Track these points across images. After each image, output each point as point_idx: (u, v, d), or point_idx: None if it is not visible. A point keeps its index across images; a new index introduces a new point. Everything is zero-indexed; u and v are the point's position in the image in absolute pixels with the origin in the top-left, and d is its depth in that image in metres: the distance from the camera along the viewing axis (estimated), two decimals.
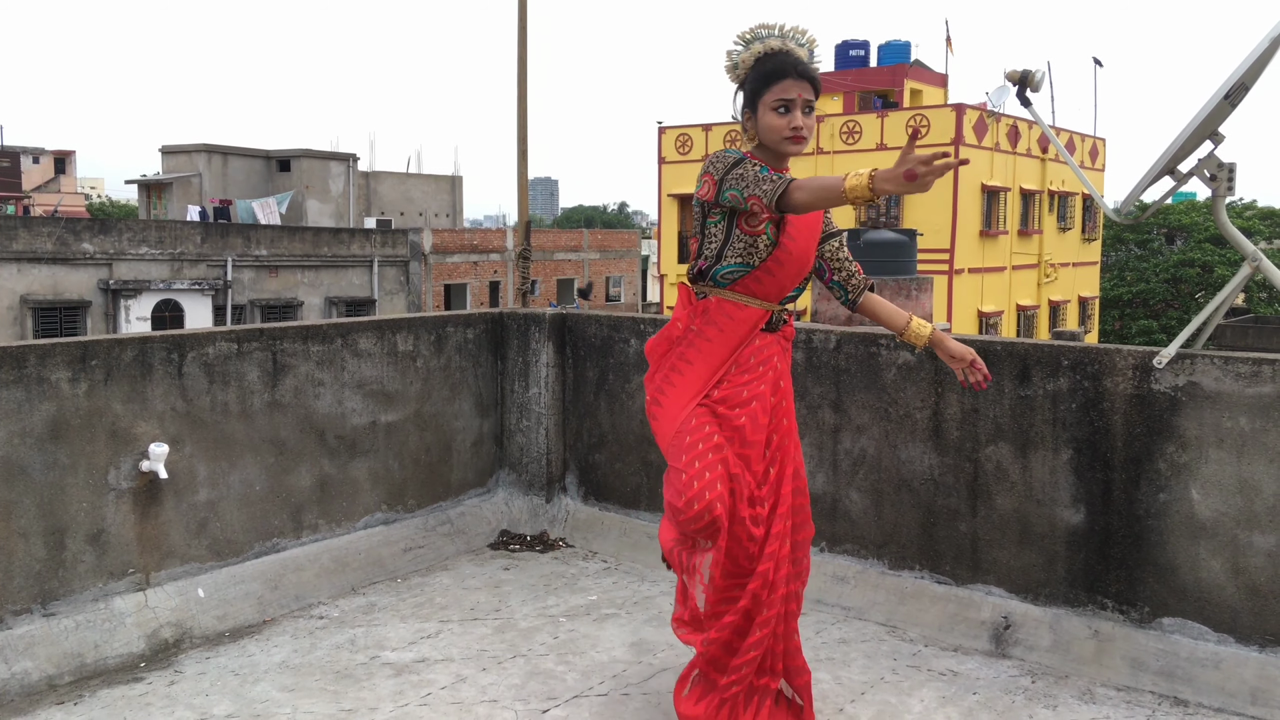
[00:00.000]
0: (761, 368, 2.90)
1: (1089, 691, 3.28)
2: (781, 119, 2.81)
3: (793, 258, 2.88)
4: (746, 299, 2.89)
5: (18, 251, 23.58)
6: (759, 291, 2.88)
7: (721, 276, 2.89)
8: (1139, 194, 3.55)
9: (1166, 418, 3.37)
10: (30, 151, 62.52)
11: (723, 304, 2.89)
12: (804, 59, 2.86)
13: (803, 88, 2.81)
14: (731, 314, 2.89)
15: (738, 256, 2.86)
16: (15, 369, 3.32)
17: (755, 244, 2.84)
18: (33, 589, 3.36)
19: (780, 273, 2.88)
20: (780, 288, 2.90)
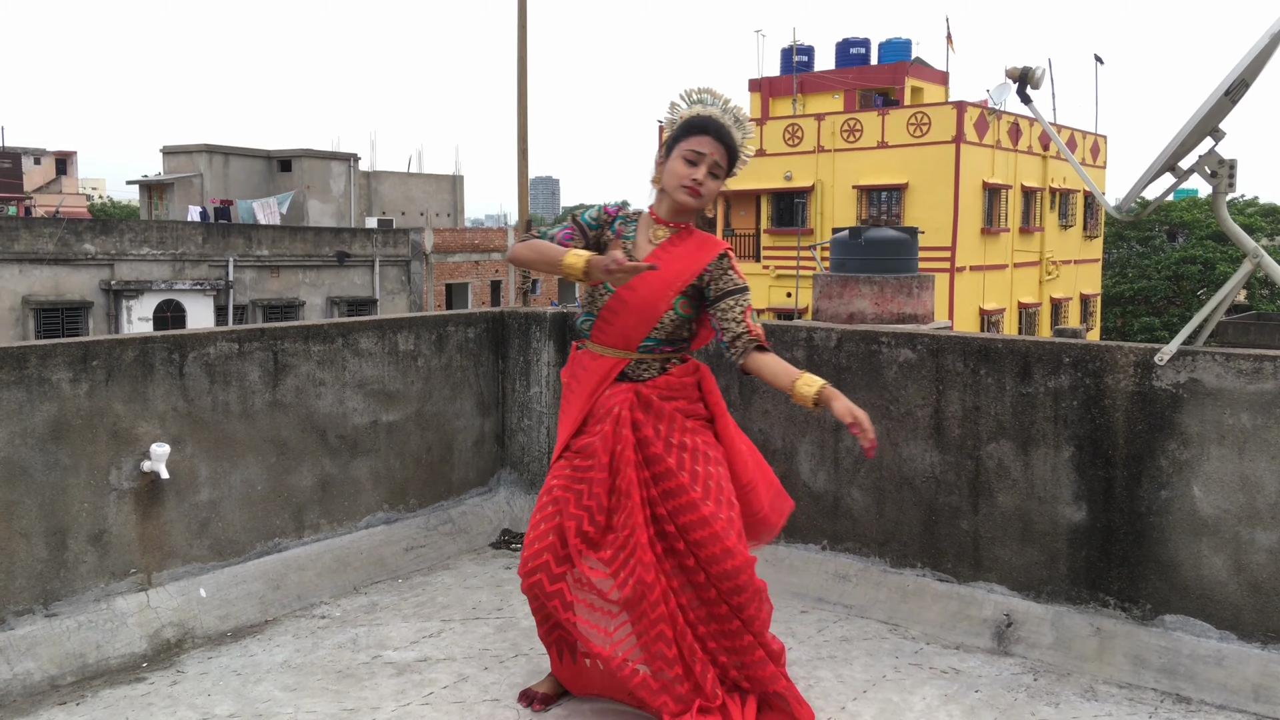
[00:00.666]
0: (606, 419, 2.99)
1: (1091, 689, 3.28)
2: (685, 169, 2.93)
3: (629, 306, 2.97)
4: (600, 349, 3.05)
5: (19, 252, 23.60)
6: (606, 340, 3.02)
7: (580, 327, 3.11)
8: (1140, 191, 3.55)
9: (1168, 415, 3.37)
10: (32, 152, 62.55)
11: (582, 354, 3.10)
12: (729, 129, 2.99)
13: (718, 150, 2.95)
14: (586, 364, 3.07)
15: (586, 306, 3.07)
16: (16, 369, 3.32)
17: (593, 293, 3.02)
18: (35, 589, 3.36)
19: (619, 321, 2.99)
20: (625, 336, 3.00)
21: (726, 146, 2.95)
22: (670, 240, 3.01)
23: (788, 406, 4.19)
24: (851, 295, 16.10)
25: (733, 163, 2.99)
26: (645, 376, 3.02)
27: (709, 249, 3.01)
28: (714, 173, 2.94)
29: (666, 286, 2.96)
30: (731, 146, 2.97)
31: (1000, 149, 28.96)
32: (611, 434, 2.96)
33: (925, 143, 27.67)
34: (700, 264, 2.98)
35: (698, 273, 2.98)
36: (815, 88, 34.00)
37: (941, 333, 3.93)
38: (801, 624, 3.78)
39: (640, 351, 3.01)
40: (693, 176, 2.92)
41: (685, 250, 3.00)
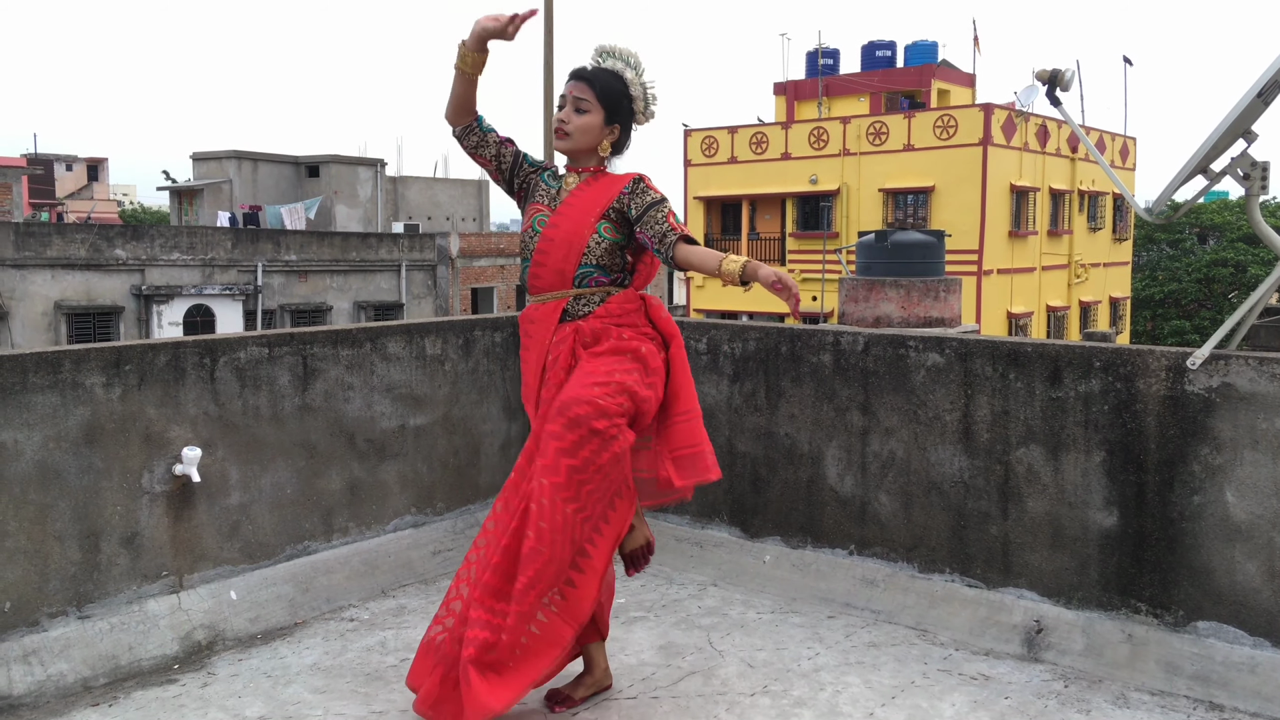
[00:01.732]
0: (554, 368, 3.03)
1: (1123, 696, 3.25)
2: (556, 117, 3.09)
3: (556, 242, 3.05)
4: (537, 297, 3.10)
5: (52, 258, 23.89)
6: (543, 284, 3.07)
7: (523, 279, 3.15)
8: (1171, 193, 3.52)
9: (1200, 419, 3.33)
10: (64, 159, 63.33)
11: (527, 312, 3.13)
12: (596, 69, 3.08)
13: (578, 88, 3.06)
14: (533, 317, 3.11)
15: (521, 254, 3.15)
16: (50, 374, 3.36)
17: (525, 239, 3.11)
18: (68, 592, 3.40)
19: (550, 259, 3.05)
20: (559, 272, 3.04)
21: (589, 81, 3.03)
22: (583, 183, 3.11)
23: (814, 411, 4.17)
24: (878, 299, 16.03)
25: (595, 87, 3.03)
26: (585, 312, 3.05)
27: (623, 179, 3.10)
28: (580, 109, 3.03)
29: (585, 214, 3.05)
30: (586, 76, 3.04)
31: (1028, 151, 28.76)
32: (565, 372, 3.00)
33: (952, 145, 27.52)
34: (615, 190, 3.06)
35: (614, 197, 3.05)
36: (841, 91, 33.90)
37: (970, 336, 3.91)
38: (829, 629, 3.77)
39: (577, 285, 3.04)
40: (557, 118, 3.06)
41: (599, 186, 3.09)
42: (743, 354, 4.37)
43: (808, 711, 3.14)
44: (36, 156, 56.47)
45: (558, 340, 3.03)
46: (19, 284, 23.41)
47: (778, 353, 4.28)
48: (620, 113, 3.07)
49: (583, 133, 3.04)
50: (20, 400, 3.29)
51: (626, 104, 3.07)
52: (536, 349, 3.08)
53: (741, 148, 31.08)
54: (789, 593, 4.09)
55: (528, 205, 3.15)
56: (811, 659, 3.51)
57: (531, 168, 3.19)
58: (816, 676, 3.37)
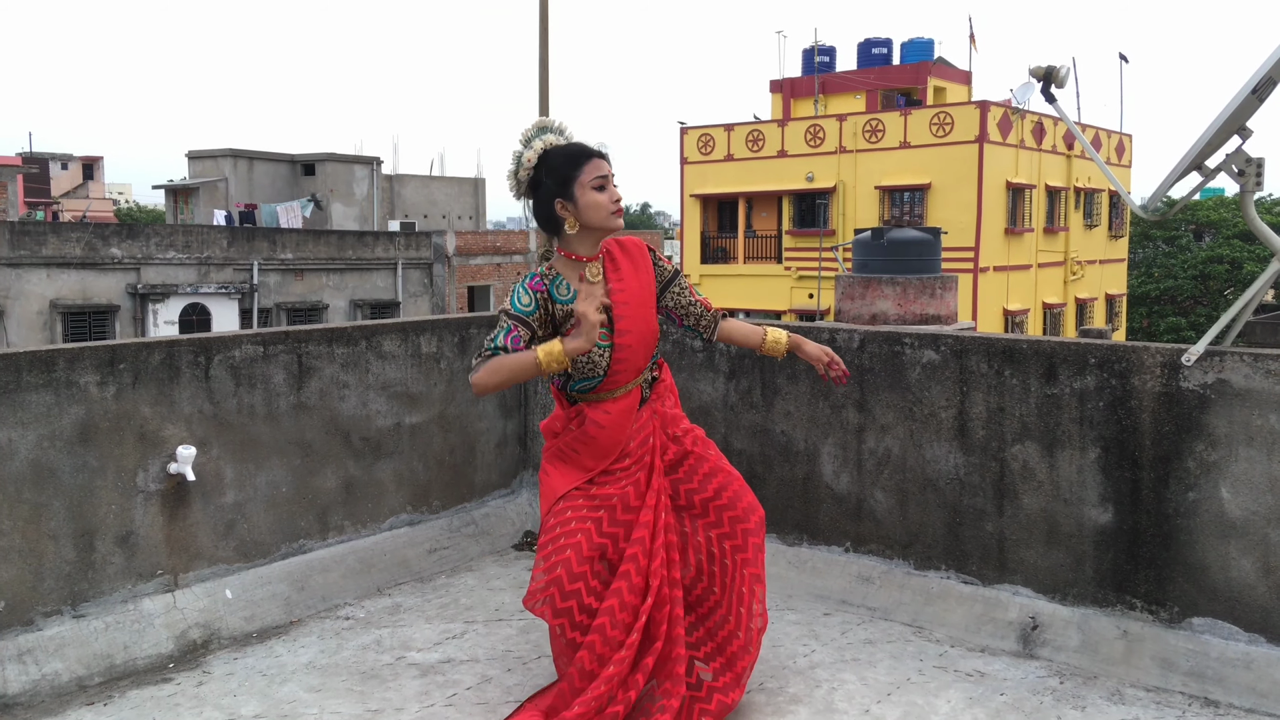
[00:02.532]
0: (640, 449, 3.03)
1: (1118, 692, 3.25)
2: (603, 195, 2.92)
3: (634, 350, 2.99)
4: (612, 392, 3.00)
5: (47, 257, 23.85)
6: (622, 381, 3.00)
7: (577, 391, 3.03)
8: (1166, 190, 3.52)
9: (1195, 416, 3.34)
10: (59, 158, 63.20)
11: (592, 412, 3.00)
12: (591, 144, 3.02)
13: (605, 165, 2.96)
14: (607, 412, 3.00)
15: (583, 375, 2.99)
16: (45, 373, 3.35)
17: (591, 358, 2.95)
18: (63, 591, 3.39)
19: (632, 360, 2.99)
20: (638, 369, 3.03)
21: (606, 158, 2.98)
22: (609, 268, 3.01)
23: (810, 408, 4.18)
24: (874, 296, 16.03)
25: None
26: (648, 395, 3.11)
27: (638, 251, 3.07)
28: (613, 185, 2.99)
29: (649, 309, 3.04)
30: (607, 157, 3.00)
31: (1024, 148, 28.79)
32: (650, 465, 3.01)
33: (948, 143, 27.54)
34: (649, 271, 3.06)
35: (653, 279, 3.07)
36: (837, 88, 33.91)
37: (965, 334, 3.91)
38: (825, 626, 3.77)
39: (647, 371, 3.09)
40: (613, 199, 2.94)
41: (626, 267, 3.03)
42: (739, 351, 4.37)
43: (803, 708, 3.14)
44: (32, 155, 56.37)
45: (639, 426, 3.04)
46: (14, 283, 23.37)
47: None
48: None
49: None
50: (14, 399, 3.28)
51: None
52: (610, 439, 2.99)
53: (738, 145, 31.08)
54: (785, 590, 4.09)
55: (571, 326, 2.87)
56: (807, 656, 3.51)
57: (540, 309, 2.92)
58: (812, 674, 3.37)
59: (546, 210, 2.95)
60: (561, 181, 2.91)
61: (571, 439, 3.02)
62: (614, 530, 2.95)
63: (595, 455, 3.01)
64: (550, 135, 2.97)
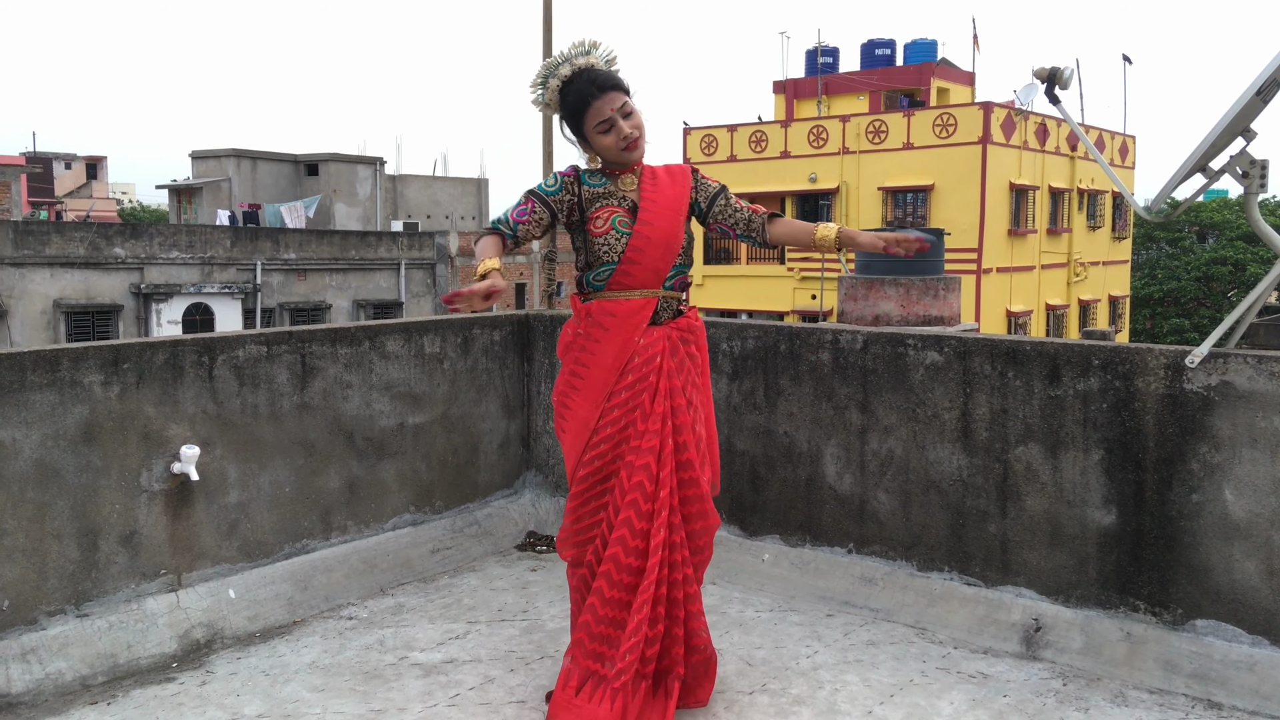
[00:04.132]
0: (645, 368, 2.98)
1: (1121, 694, 3.25)
2: (609, 137, 2.97)
3: (653, 241, 2.99)
4: (624, 293, 3.00)
5: (51, 256, 23.89)
6: (632, 283, 2.99)
7: (594, 281, 3.05)
8: (1170, 191, 3.51)
9: (1199, 418, 3.33)
10: (63, 157, 63.29)
11: (603, 304, 3.01)
12: (598, 69, 3.00)
13: (610, 99, 2.95)
14: (613, 310, 3.00)
15: (599, 259, 3.02)
16: (49, 372, 3.36)
17: (608, 242, 2.99)
18: (66, 590, 3.40)
19: (646, 258, 2.98)
20: (654, 271, 3.00)
21: (619, 88, 2.97)
22: (645, 179, 3.06)
23: (813, 409, 4.17)
24: (877, 297, 16.02)
25: (624, 88, 3.00)
26: (664, 319, 3.05)
27: (681, 172, 3.11)
28: (627, 112, 2.97)
29: (675, 213, 3.04)
30: (615, 83, 2.97)
31: (1027, 150, 28.76)
32: (658, 381, 2.97)
33: (951, 144, 27.52)
34: (685, 186, 3.08)
35: (688, 192, 3.07)
36: (840, 89, 33.89)
37: (969, 335, 3.91)
38: (828, 627, 3.77)
39: (668, 285, 3.04)
40: (620, 137, 2.97)
41: (667, 181, 3.06)
42: (741, 352, 4.37)
43: (806, 710, 3.14)
44: (35, 155, 56.43)
45: (647, 343, 2.99)
46: (18, 282, 23.41)
47: (776, 351, 4.28)
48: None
49: (643, 129, 3.02)
50: (18, 398, 3.29)
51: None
52: (616, 344, 2.98)
53: (741, 146, 31.07)
54: (788, 591, 4.09)
55: (595, 210, 3.02)
56: (810, 657, 3.51)
57: (565, 190, 3.06)
58: (815, 675, 3.37)
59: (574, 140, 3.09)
60: (574, 124, 3.03)
61: (581, 345, 3.02)
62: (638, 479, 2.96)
63: (603, 366, 2.98)
64: (564, 68, 3.00)
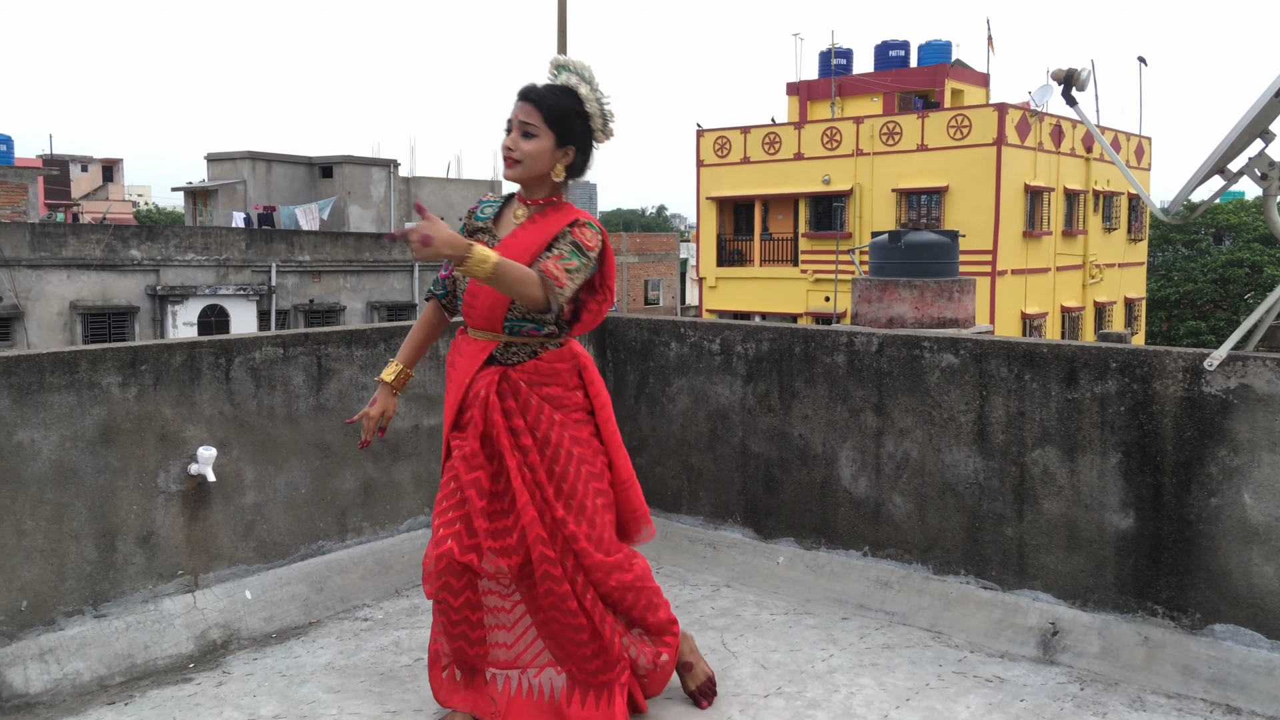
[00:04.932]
0: (473, 409, 2.90)
1: (1139, 699, 3.23)
2: (503, 145, 2.87)
3: (483, 288, 2.83)
4: (472, 331, 2.97)
5: (67, 258, 24.03)
6: (474, 323, 2.95)
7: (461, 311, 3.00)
8: (1188, 194, 3.50)
9: (1218, 421, 3.31)
10: (79, 160, 63.68)
11: (459, 339, 3.01)
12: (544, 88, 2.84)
13: (519, 108, 2.83)
14: (463, 350, 2.98)
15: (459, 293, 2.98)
16: (67, 374, 3.38)
17: (456, 277, 3.00)
18: (84, 590, 3.41)
19: (479, 302, 2.88)
20: (487, 317, 2.89)
21: (535, 103, 2.79)
22: (531, 219, 2.89)
23: (828, 412, 4.17)
24: (891, 299, 16.00)
25: (545, 112, 2.80)
26: (514, 361, 2.91)
27: (564, 220, 2.86)
28: (527, 133, 2.79)
29: (519, 258, 2.79)
30: (534, 98, 2.80)
31: (1042, 151, 28.66)
32: (481, 419, 2.87)
33: (966, 145, 27.44)
34: (550, 235, 2.83)
35: (546, 243, 2.82)
36: (854, 91, 33.84)
37: (985, 337, 3.90)
38: (843, 631, 3.76)
39: (507, 334, 2.89)
40: (504, 144, 2.83)
41: (544, 225, 2.86)
42: (756, 354, 4.37)
43: (822, 713, 3.13)
44: (52, 157, 56.80)
45: (479, 378, 2.90)
46: (35, 284, 23.56)
47: (791, 353, 4.27)
48: (573, 134, 2.83)
49: (532, 159, 2.80)
50: (37, 400, 3.31)
51: (581, 123, 2.83)
52: (456, 384, 2.95)
53: (754, 148, 31.06)
54: (802, 594, 4.08)
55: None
56: (825, 660, 3.50)
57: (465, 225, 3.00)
58: (831, 678, 3.37)
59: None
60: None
61: (449, 360, 3.04)
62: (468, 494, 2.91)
63: (452, 395, 2.97)
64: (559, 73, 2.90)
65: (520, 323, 2.88)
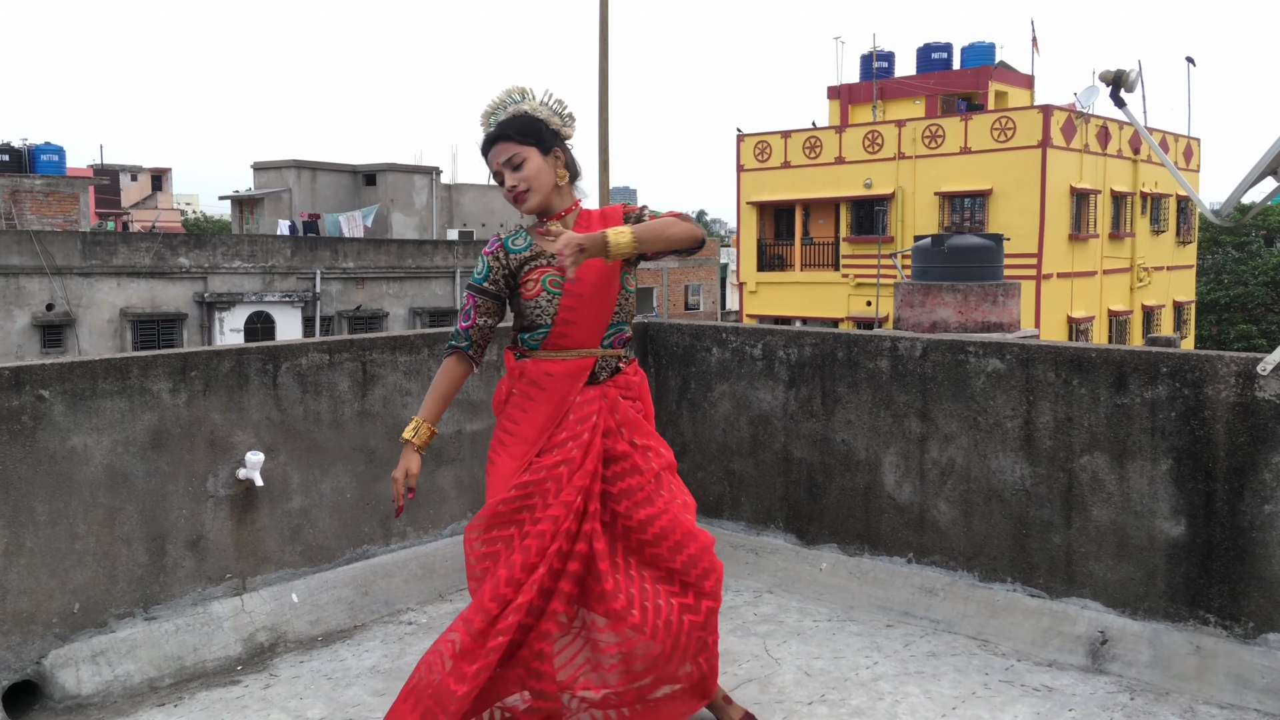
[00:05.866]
0: (579, 426, 2.84)
1: (1191, 709, 3.17)
2: (504, 188, 2.88)
3: (585, 299, 2.84)
4: (560, 353, 2.87)
5: (118, 266, 24.45)
6: (568, 343, 2.87)
7: (529, 340, 2.90)
8: (1240, 196, 3.43)
9: (1272, 426, 3.25)
10: (129, 169, 64.75)
11: (538, 363, 2.88)
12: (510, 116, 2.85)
13: (498, 151, 2.84)
14: (550, 370, 2.87)
15: (529, 320, 2.89)
16: (119, 380, 3.43)
17: (539, 304, 2.86)
18: (135, 593, 3.47)
19: (582, 315, 2.85)
20: (591, 329, 2.86)
21: (503, 136, 2.83)
22: (579, 225, 2.90)
23: (871, 417, 4.14)
24: (934, 304, 15.85)
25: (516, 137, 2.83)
26: (603, 378, 2.91)
27: (613, 214, 2.92)
28: (516, 164, 2.83)
29: (607, 265, 2.81)
30: (500, 135, 2.84)
31: (1089, 153, 28.28)
32: (589, 443, 2.82)
33: (1010, 148, 27.15)
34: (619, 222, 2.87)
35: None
36: (896, 94, 33.61)
37: (1031, 342, 3.85)
38: (888, 638, 3.73)
39: (605, 345, 2.89)
40: (509, 188, 2.86)
41: (597, 224, 2.89)
42: (798, 360, 4.35)
43: None
44: (103, 167, 57.83)
45: (583, 401, 2.85)
46: (86, 291, 24.00)
47: (834, 358, 4.25)
48: (547, 139, 2.86)
49: (537, 179, 2.84)
50: (90, 405, 3.37)
51: (546, 129, 2.87)
52: (551, 403, 2.85)
53: (795, 152, 30.93)
54: (846, 601, 4.05)
55: (526, 274, 2.87)
56: (870, 668, 3.47)
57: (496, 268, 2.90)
58: (875, 686, 3.34)
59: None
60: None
61: (514, 404, 2.90)
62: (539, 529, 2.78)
63: (534, 425, 2.85)
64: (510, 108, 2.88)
65: (620, 327, 2.92)
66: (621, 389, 2.94)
